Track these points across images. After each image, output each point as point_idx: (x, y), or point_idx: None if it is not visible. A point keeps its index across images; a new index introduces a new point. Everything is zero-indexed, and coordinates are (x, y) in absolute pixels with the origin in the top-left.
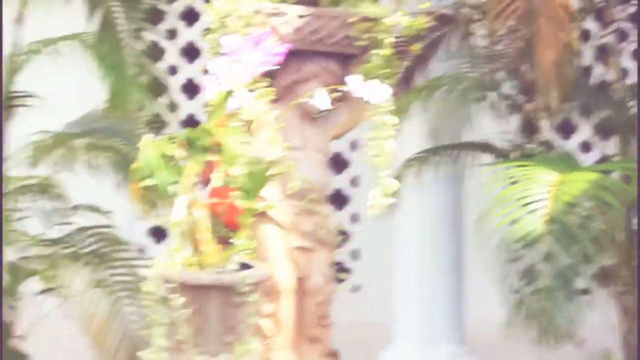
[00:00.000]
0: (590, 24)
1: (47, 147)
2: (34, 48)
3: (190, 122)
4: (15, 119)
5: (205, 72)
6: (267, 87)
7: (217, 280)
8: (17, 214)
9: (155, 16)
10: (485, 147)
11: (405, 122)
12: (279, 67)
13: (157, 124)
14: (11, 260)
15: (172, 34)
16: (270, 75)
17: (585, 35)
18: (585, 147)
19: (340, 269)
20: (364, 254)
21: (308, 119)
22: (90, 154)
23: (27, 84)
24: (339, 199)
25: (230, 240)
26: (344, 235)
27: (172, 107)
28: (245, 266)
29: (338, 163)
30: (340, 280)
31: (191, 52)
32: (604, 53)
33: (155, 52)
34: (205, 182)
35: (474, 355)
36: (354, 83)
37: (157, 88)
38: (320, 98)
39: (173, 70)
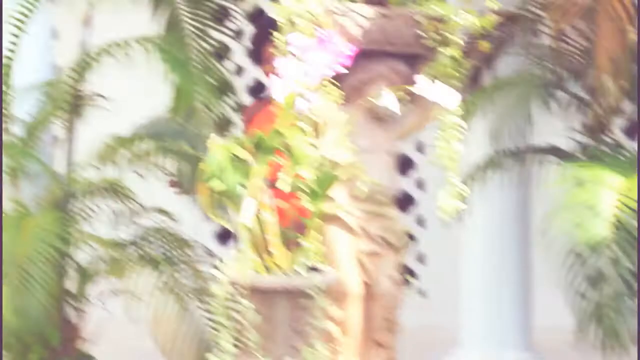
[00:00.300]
0: None
1: (115, 149)
2: (103, 50)
3: None
4: (84, 120)
5: (272, 73)
6: (335, 88)
7: (285, 284)
8: (86, 216)
9: (221, 16)
10: (551, 149)
11: (471, 122)
12: (347, 67)
13: (223, 125)
14: (79, 262)
15: (238, 34)
16: (338, 76)
17: None
18: None
19: (407, 272)
20: (429, 257)
21: (376, 120)
22: (157, 156)
23: (94, 85)
24: (404, 202)
25: (299, 243)
26: (410, 238)
27: (238, 108)
28: (313, 270)
29: (404, 165)
30: (407, 284)
31: (258, 53)
32: None
33: (221, 52)
34: (273, 184)
35: None
36: (423, 84)
37: (223, 88)
38: (388, 99)
39: (239, 71)
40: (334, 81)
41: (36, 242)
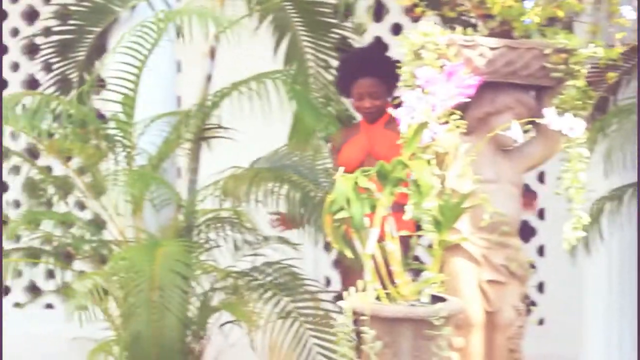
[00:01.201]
0: None
1: (237, 182)
2: (233, 86)
3: None
4: (208, 152)
5: (399, 104)
6: (460, 119)
7: (410, 312)
8: (207, 246)
9: (343, 47)
10: None
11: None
12: (471, 99)
13: None
14: (201, 290)
15: None
16: (462, 107)
17: None
18: None
19: (529, 302)
20: (547, 286)
21: (501, 152)
22: (277, 188)
23: (217, 117)
24: (525, 231)
25: (422, 273)
26: (532, 267)
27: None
28: (436, 299)
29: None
30: (529, 314)
31: None
32: None
33: None
34: (397, 214)
35: None
36: (550, 115)
37: (344, 119)
38: (514, 130)
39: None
40: (458, 112)
41: (167, 270)
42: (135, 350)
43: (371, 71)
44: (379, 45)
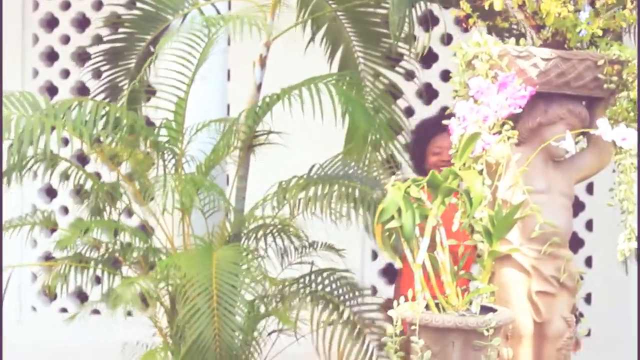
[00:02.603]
0: None
1: (290, 190)
2: (283, 92)
3: None
4: (257, 158)
5: (450, 114)
6: (512, 129)
7: (460, 322)
8: (257, 254)
9: (395, 56)
10: None
11: None
12: (523, 109)
13: (391, 165)
14: (250, 298)
15: (410, 75)
16: (515, 117)
17: None
18: None
19: (579, 313)
20: (594, 298)
21: (552, 162)
22: (329, 197)
23: (268, 124)
24: (574, 243)
25: (471, 283)
26: (582, 279)
27: (408, 148)
28: (486, 309)
29: (574, 206)
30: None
31: (429, 94)
32: None
33: (393, 93)
34: (448, 224)
35: None
36: (604, 126)
37: (395, 129)
38: (567, 141)
39: (410, 112)
40: (510, 123)
41: (226, 274)
42: (193, 356)
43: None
44: (422, 98)
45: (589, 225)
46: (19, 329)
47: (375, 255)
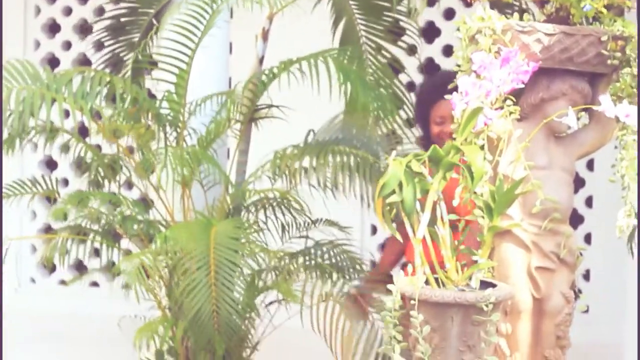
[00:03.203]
0: None
1: (286, 160)
2: (283, 65)
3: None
4: (258, 132)
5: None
6: (514, 105)
7: (459, 297)
8: (257, 227)
9: (397, 29)
10: None
11: None
12: (526, 85)
13: (393, 140)
14: (249, 271)
15: (412, 49)
16: (517, 93)
17: None
18: None
19: (577, 289)
20: (592, 274)
21: (554, 138)
22: (324, 167)
23: (268, 97)
24: (573, 219)
25: (472, 258)
26: (581, 255)
27: (409, 123)
28: (485, 284)
29: (574, 183)
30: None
31: (430, 69)
32: None
33: (395, 68)
34: (449, 198)
35: None
36: (607, 103)
37: (397, 103)
38: (569, 117)
39: (411, 87)
40: (513, 98)
41: (224, 248)
42: (192, 329)
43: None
44: (424, 72)
45: (589, 201)
46: (17, 299)
47: (375, 230)
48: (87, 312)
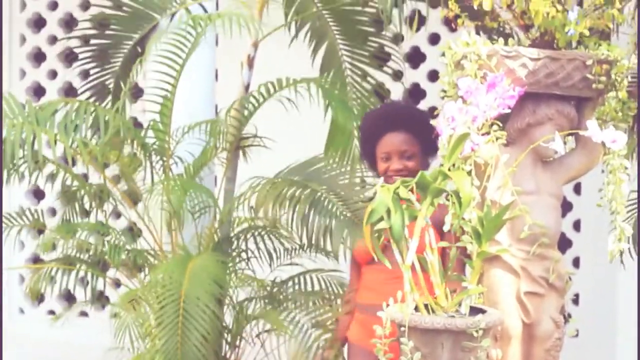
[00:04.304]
0: None
1: (269, 191)
2: (266, 90)
3: None
4: (245, 160)
5: (438, 114)
6: (500, 130)
7: (449, 324)
8: (245, 256)
9: (382, 55)
10: None
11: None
12: (512, 110)
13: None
14: (237, 300)
15: (397, 75)
16: (503, 118)
17: None
18: None
19: (567, 314)
20: (582, 298)
21: (541, 163)
22: (308, 198)
23: (254, 125)
24: (562, 243)
25: (461, 284)
26: (571, 280)
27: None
28: (475, 310)
29: (562, 207)
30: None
31: (416, 94)
32: None
33: (381, 94)
34: (437, 225)
35: None
36: (594, 128)
37: None
38: (556, 142)
39: None
40: (499, 123)
41: (196, 285)
42: None
43: (400, 125)
44: (410, 98)
45: (577, 225)
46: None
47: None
48: (78, 342)
